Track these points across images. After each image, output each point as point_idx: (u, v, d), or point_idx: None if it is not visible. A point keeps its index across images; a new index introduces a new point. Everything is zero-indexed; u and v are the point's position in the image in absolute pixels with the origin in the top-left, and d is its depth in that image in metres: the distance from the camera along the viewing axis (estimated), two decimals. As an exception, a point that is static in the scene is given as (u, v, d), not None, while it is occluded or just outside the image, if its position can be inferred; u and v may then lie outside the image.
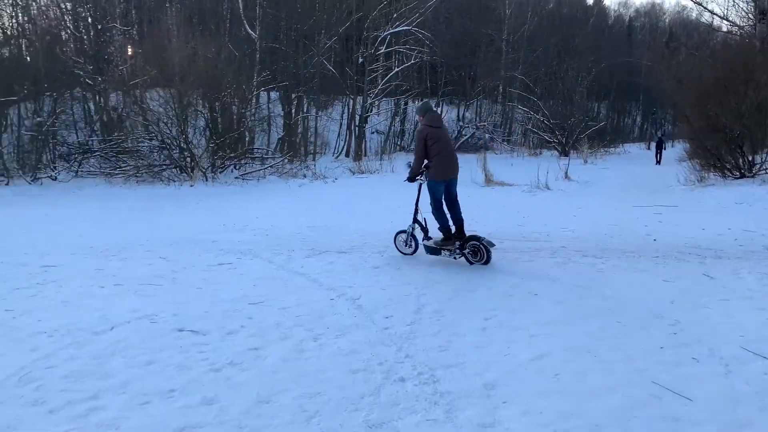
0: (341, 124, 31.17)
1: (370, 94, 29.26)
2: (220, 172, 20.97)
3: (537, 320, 5.01)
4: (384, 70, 29.98)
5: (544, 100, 36.78)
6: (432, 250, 7.38)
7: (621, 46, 52.77)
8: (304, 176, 20.70)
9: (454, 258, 7.15)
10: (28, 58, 25.08)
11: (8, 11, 29.83)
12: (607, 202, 13.49)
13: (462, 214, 7.35)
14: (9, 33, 29.27)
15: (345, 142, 30.02)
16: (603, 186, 17.42)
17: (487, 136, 34.90)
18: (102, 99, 25.08)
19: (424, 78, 36.48)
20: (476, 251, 7.03)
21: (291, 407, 3.45)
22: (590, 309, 5.34)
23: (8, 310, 5.29)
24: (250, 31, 26.47)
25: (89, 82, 24.04)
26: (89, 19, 29.47)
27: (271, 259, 7.64)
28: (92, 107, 25.64)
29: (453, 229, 7.25)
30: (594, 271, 6.88)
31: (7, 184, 19.05)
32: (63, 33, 29.29)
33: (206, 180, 19.71)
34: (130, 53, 26.73)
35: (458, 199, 7.42)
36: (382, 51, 29.57)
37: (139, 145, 21.63)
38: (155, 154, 21.35)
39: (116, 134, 22.57)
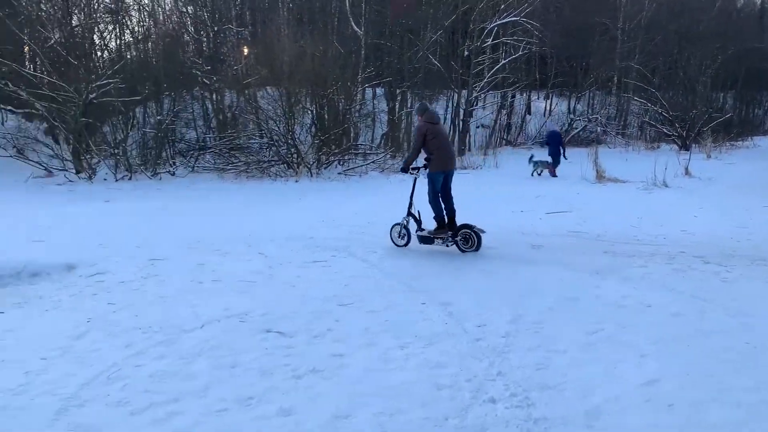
0: (445, 118, 30.77)
1: (476, 87, 28.64)
2: (325, 168, 21.31)
3: (649, 337, 4.48)
4: (490, 63, 29.22)
5: (662, 90, 34.31)
6: (425, 240, 7.80)
7: (751, 30, 48.21)
8: (406, 172, 20.53)
9: (447, 245, 7.61)
10: (155, 61, 26.77)
11: (136, 16, 32.12)
12: (734, 201, 12.24)
13: (454, 205, 7.84)
14: (137, 37, 31.52)
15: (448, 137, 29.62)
16: (728, 183, 15.88)
17: (599, 129, 33.15)
18: (217, 98, 26.26)
19: (532, 70, 35.22)
20: (467, 238, 7.48)
21: (369, 425, 3.23)
22: (713, 325, 4.72)
23: (111, 304, 5.49)
24: (356, 28, 26.70)
25: (206, 81, 25.24)
26: (207, 22, 31.07)
27: (365, 257, 7.50)
28: (209, 106, 26.93)
29: (446, 219, 7.69)
30: (718, 280, 6.15)
31: (130, 179, 20.42)
32: (184, 36, 31.09)
33: (311, 176, 20.09)
34: (244, 53, 27.86)
35: (453, 192, 7.97)
36: (488, 43, 28.84)
37: (250, 142, 22.46)
38: (264, 150, 22.09)
39: (229, 131, 23.55)
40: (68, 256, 8.07)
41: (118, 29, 31.93)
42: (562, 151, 18.16)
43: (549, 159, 18.06)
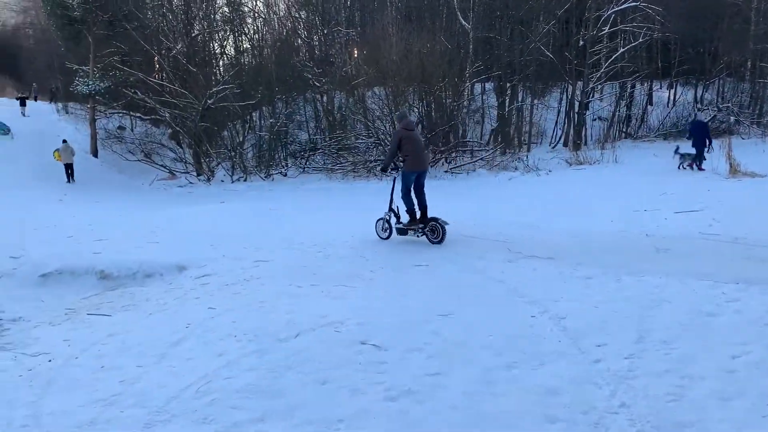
0: (559, 111, 29.39)
1: (592, 78, 27.08)
2: (431, 166, 21.01)
3: (810, 365, 3.74)
4: (608, 52, 27.50)
5: (807, 73, 30.71)
6: (401, 231, 8.57)
7: None
8: (515, 169, 19.75)
9: (417, 236, 8.40)
10: (269, 66, 27.73)
11: (252, 23, 33.44)
12: None
13: (427, 202, 8.54)
14: (253, 43, 32.84)
15: (563, 131, 28.25)
16: None
17: (731, 119, 30.24)
18: (327, 99, 26.72)
19: (654, 57, 32.78)
20: (434, 230, 8.24)
21: (466, 462, 2.85)
22: None
23: (211, 308, 5.47)
24: (463, 22, 26.11)
25: (316, 84, 25.76)
26: (318, 25, 31.76)
27: (468, 262, 7.07)
28: (320, 108, 27.48)
29: (418, 213, 8.49)
30: None
31: (245, 180, 21.26)
32: (297, 40, 32.00)
33: (417, 174, 19.88)
34: (354, 54, 28.15)
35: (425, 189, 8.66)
36: (605, 31, 27.16)
37: (357, 141, 22.62)
38: (371, 149, 22.17)
39: (337, 132, 23.88)
40: (180, 257, 8.31)
41: (235, 37, 33.51)
42: (708, 143, 16.51)
43: (694, 151, 16.52)
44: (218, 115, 23.69)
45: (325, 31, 31.22)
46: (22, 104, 30.96)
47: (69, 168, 20.83)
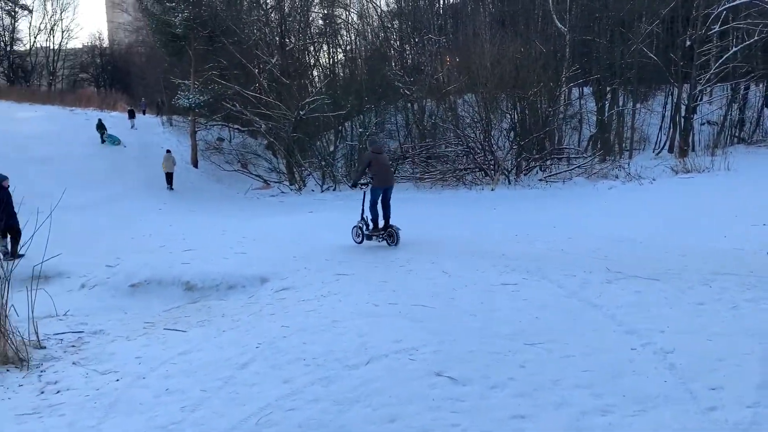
0: (663, 116, 27.58)
1: (700, 80, 25.19)
2: (524, 175, 20.23)
3: None
4: (718, 52, 25.50)
5: None
6: (368, 237, 9.73)
7: None
8: (616, 177, 18.59)
9: (378, 241, 9.60)
10: (360, 76, 27.94)
11: (346, 35, 33.92)
12: None
13: (390, 213, 9.70)
14: (347, 54, 33.30)
15: (667, 137, 26.45)
16: None
17: None
18: (417, 107, 26.52)
19: (772, 55, 30.12)
20: (390, 235, 9.45)
21: None
22: None
23: (284, 327, 5.27)
24: (559, 25, 25.10)
25: (407, 92, 25.62)
26: (411, 34, 31.72)
27: (561, 282, 6.49)
28: (410, 116, 27.33)
29: (382, 223, 9.63)
30: None
31: (334, 190, 21.40)
32: (389, 49, 32.10)
33: (508, 183, 19.15)
34: (446, 62, 27.80)
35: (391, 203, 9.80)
36: (715, 30, 25.17)
37: (446, 150, 22.21)
38: (461, 158, 21.69)
39: (426, 140, 23.58)
40: (264, 269, 8.27)
41: (328, 49, 34.12)
42: None
43: None
44: (310, 125, 24.06)
45: (416, 40, 31.11)
46: (131, 117, 33.01)
47: (170, 177, 21.96)
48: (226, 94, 24.86)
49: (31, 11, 52.82)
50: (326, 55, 34.41)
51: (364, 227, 9.82)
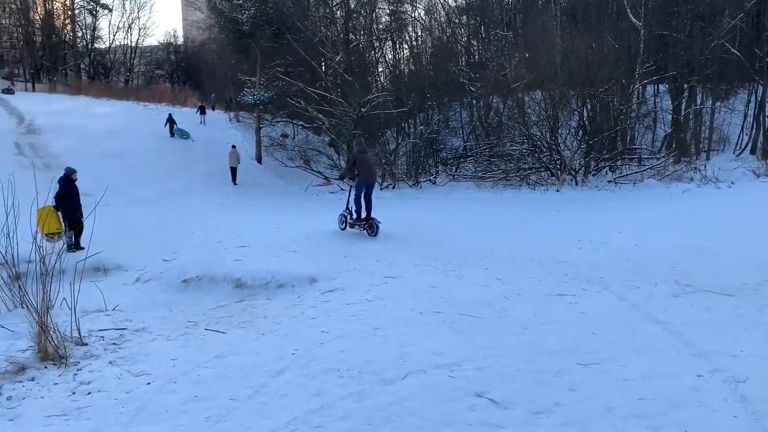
0: (745, 115, 25.89)
1: (789, 76, 23.52)
2: (593, 175, 19.39)
3: None
4: (810, 45, 23.72)
5: None
6: (351, 226, 10.87)
7: None
8: (691, 180, 17.50)
9: (359, 230, 10.70)
10: (425, 71, 27.55)
11: (412, 31, 33.64)
12: None
13: (372, 206, 10.80)
14: (414, 51, 33.00)
15: (749, 137, 24.81)
16: None
17: None
18: (482, 104, 25.92)
19: None
20: (371, 226, 10.47)
21: None
22: None
23: (324, 332, 5.09)
24: (633, 19, 23.93)
25: (471, 89, 25.07)
26: (479, 29, 31.12)
27: (624, 294, 6.03)
28: (474, 113, 26.74)
29: (364, 214, 10.71)
30: None
31: (393, 188, 21.17)
32: (456, 45, 31.60)
33: (575, 184, 18.39)
34: (512, 58, 27.07)
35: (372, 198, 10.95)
36: (808, 21, 23.45)
37: (511, 148, 21.57)
38: (525, 157, 21.01)
39: (490, 138, 23.00)
40: (314, 268, 8.15)
41: (393, 45, 33.94)
42: None
43: None
44: (372, 122, 23.92)
45: (483, 35, 30.47)
46: (201, 112, 33.99)
47: (234, 172, 22.44)
48: (290, 90, 25.05)
49: (111, 10, 55.27)
50: (391, 52, 34.26)
51: (348, 216, 11.00)
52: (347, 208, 11.04)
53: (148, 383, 4.05)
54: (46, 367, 4.33)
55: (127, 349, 4.86)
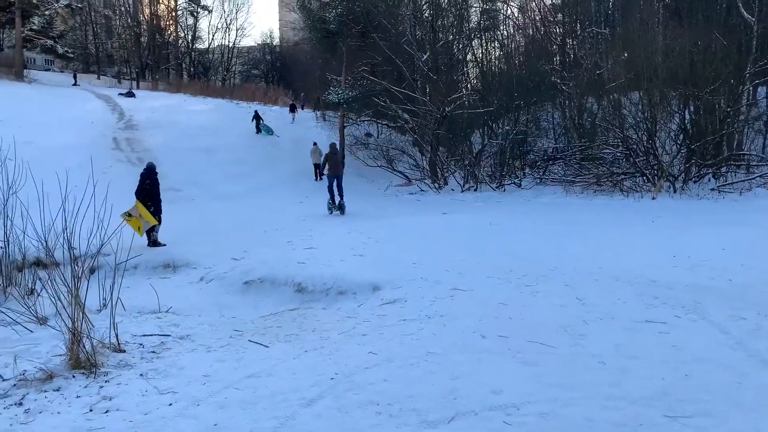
0: None
1: None
2: (694, 182, 17.82)
3: None
4: None
5: None
6: (329, 209, 15.02)
7: None
8: (810, 191, 15.68)
9: (330, 213, 15.00)
10: (518, 71, 26.51)
11: (505, 29, 32.54)
12: None
13: (343, 193, 15.09)
14: (506, 50, 31.91)
15: None
16: None
17: None
18: (573, 104, 24.60)
19: None
20: (340, 207, 14.94)
21: None
22: None
23: (372, 354, 4.61)
24: (746, 14, 21.86)
25: (564, 88, 23.85)
26: (576, 27, 29.61)
27: (726, 325, 5.15)
28: (567, 114, 25.44)
29: (337, 200, 14.99)
30: None
31: (476, 190, 20.40)
32: (550, 44, 30.26)
33: (673, 191, 16.96)
34: (607, 56, 25.53)
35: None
36: None
37: (603, 152, 20.23)
38: (619, 161, 19.65)
39: (581, 140, 21.72)
40: (378, 275, 7.72)
41: (483, 44, 32.97)
42: None
43: None
44: (456, 122, 23.22)
45: (578, 32, 28.96)
46: (292, 110, 34.65)
47: (317, 168, 22.64)
48: (375, 89, 24.82)
49: (210, 11, 57.50)
50: (481, 51, 33.32)
51: (329, 202, 15.10)
52: (331, 196, 15.10)
53: (170, 404, 3.73)
54: (74, 377, 4.12)
55: (164, 359, 4.60)
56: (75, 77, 41.18)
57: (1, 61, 38.46)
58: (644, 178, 18.33)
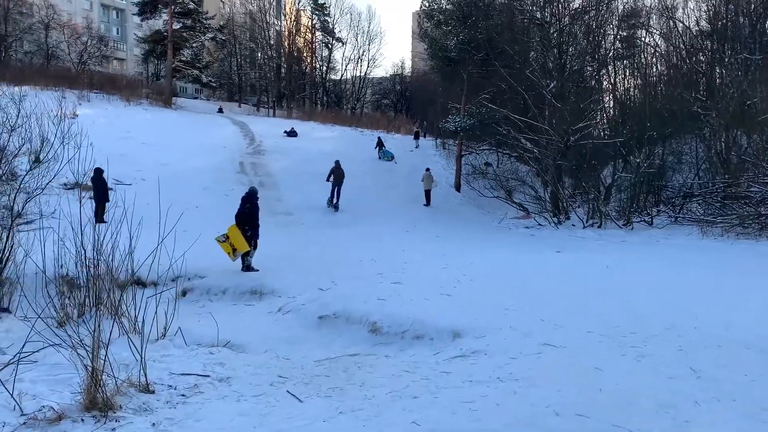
0: None
1: None
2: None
3: None
4: None
5: None
6: (327, 205, 20.38)
7: None
8: None
9: (329, 207, 20.42)
10: (655, 100, 24.51)
11: (644, 57, 30.36)
12: None
13: (340, 195, 20.35)
14: (646, 78, 29.73)
15: None
16: None
17: None
18: (718, 137, 22.12)
19: None
20: (335, 206, 20.17)
21: None
22: None
23: (414, 424, 3.87)
24: None
25: (706, 119, 21.56)
26: (724, 53, 26.96)
27: None
28: (713, 147, 22.95)
29: (335, 200, 20.36)
30: None
31: (599, 227, 18.78)
32: (696, 75, 27.79)
33: (838, 239, 14.46)
34: (762, 84, 22.79)
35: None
36: None
37: (750, 189, 17.85)
38: (769, 200, 17.22)
39: (724, 176, 19.37)
40: (463, 320, 6.98)
41: (619, 72, 31.00)
42: None
43: None
44: (582, 153, 21.73)
45: (727, 60, 26.26)
46: (416, 137, 34.91)
47: (428, 194, 22.40)
48: (495, 117, 23.98)
49: (344, 43, 59.62)
50: (615, 78, 31.34)
51: (328, 200, 19.97)
52: (332, 195, 20.27)
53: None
54: (83, 420, 3.78)
55: (188, 406, 4.18)
56: (221, 109, 44.25)
57: (156, 89, 42.23)
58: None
